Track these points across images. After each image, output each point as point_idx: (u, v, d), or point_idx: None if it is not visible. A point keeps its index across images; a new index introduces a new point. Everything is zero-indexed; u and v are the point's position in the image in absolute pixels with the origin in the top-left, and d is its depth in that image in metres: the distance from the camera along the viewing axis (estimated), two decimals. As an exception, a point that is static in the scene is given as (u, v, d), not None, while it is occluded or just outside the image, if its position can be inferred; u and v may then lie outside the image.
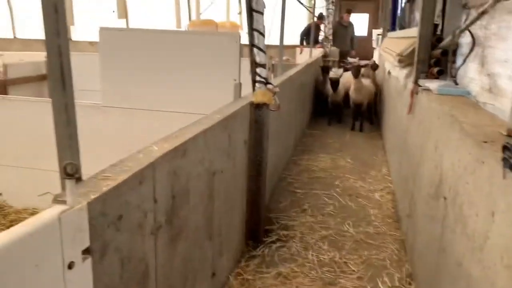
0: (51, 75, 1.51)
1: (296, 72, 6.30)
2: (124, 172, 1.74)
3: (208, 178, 2.68)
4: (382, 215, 4.64)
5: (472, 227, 2.03)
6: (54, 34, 1.46)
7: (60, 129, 1.52)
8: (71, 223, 1.34)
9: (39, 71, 7.31)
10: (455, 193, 2.38)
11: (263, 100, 3.60)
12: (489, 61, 3.07)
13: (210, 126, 2.65)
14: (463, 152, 2.28)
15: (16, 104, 4.55)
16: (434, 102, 3.20)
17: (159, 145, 2.14)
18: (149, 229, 1.92)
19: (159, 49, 4.17)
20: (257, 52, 3.61)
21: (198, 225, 2.58)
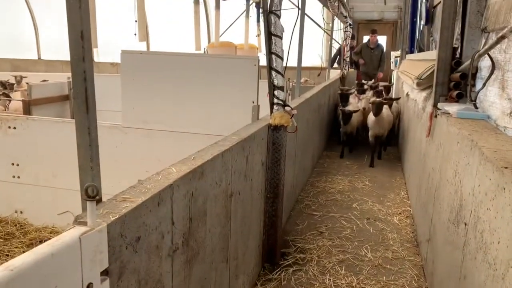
0: (75, 98, 1.56)
1: (313, 94, 6.33)
2: (143, 194, 1.77)
3: (225, 200, 2.69)
4: (401, 239, 4.56)
5: (494, 254, 1.98)
6: (79, 59, 1.52)
7: (83, 151, 1.57)
8: (91, 245, 1.36)
9: (61, 91, 7.52)
10: (476, 219, 2.33)
11: (280, 122, 3.62)
12: (509, 85, 3.04)
13: (228, 148, 2.67)
14: (483, 177, 2.25)
15: (39, 124, 4.67)
16: (454, 126, 3.17)
17: (177, 167, 2.17)
18: (166, 250, 1.93)
19: (179, 72, 4.26)
20: (275, 75, 3.65)
21: (215, 247, 2.58)
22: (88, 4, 1.49)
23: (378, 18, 14.08)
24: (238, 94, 4.14)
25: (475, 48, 3.90)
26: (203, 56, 6.37)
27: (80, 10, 1.47)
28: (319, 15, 11.48)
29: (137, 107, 4.41)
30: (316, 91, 6.87)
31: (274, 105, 3.69)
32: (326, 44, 13.32)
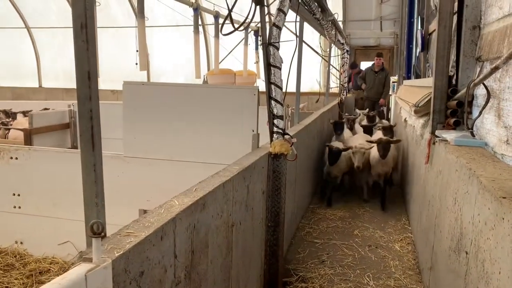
0: (82, 135, 1.60)
1: (312, 121, 6.40)
2: (146, 228, 1.79)
3: (226, 231, 2.70)
4: (403, 266, 4.54)
5: (495, 284, 1.99)
6: (86, 98, 1.57)
7: (88, 187, 1.60)
8: (96, 282, 1.38)
9: (62, 119, 7.58)
10: (476, 248, 2.35)
11: (280, 151, 3.66)
12: (505, 114, 3.10)
13: (229, 179, 2.70)
14: (482, 206, 2.27)
15: (41, 154, 4.70)
16: (452, 154, 3.21)
17: (180, 199, 2.19)
18: (169, 284, 1.94)
19: (179, 102, 4.33)
20: (275, 105, 3.71)
21: (216, 278, 2.57)
22: (96, 46, 1.55)
23: (375, 44, 14.32)
24: (238, 123, 4.19)
25: (470, 77, 3.98)
26: (203, 86, 6.49)
27: (88, 52, 1.53)
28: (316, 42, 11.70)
29: (138, 136, 4.46)
30: (315, 117, 6.94)
31: (274, 134, 3.73)
32: (324, 70, 13.51)
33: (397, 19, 13.44)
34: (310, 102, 13.28)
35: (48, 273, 4.32)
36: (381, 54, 12.04)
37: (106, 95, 14.21)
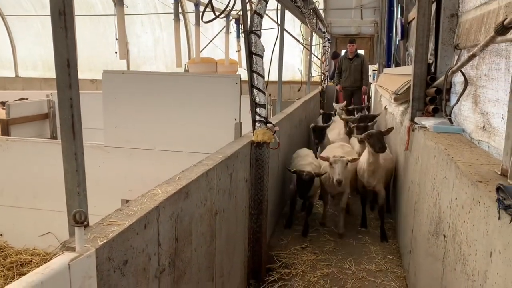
0: (62, 124, 1.58)
1: (294, 109, 6.42)
2: (129, 217, 1.78)
3: (210, 219, 2.71)
4: (383, 251, 4.64)
5: (472, 266, 2.06)
6: (66, 86, 1.55)
7: (70, 176, 1.58)
8: (80, 270, 1.38)
9: (41, 110, 7.42)
10: (454, 232, 2.41)
11: (263, 139, 3.67)
12: (481, 100, 3.17)
13: (212, 167, 2.70)
14: (460, 191, 2.34)
15: (20, 145, 4.61)
16: (430, 140, 3.27)
17: (163, 188, 2.19)
18: (153, 272, 1.94)
19: (161, 91, 4.29)
20: (257, 93, 3.72)
21: (201, 266, 2.59)
22: (75, 33, 1.52)
23: (356, 33, 14.38)
24: (220, 112, 4.18)
25: (449, 64, 4.05)
26: (184, 75, 6.41)
27: (67, 39, 1.50)
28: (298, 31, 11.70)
29: (119, 126, 4.41)
30: (297, 106, 6.97)
31: (256, 122, 3.75)
32: (305, 58, 13.54)
33: (377, 7, 13.51)
34: (292, 91, 13.32)
35: (30, 264, 4.27)
36: (353, 40, 11.54)
37: (86, 85, 13.95)
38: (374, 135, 4.78)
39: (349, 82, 11.59)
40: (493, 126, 2.87)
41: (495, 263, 1.76)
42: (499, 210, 1.71)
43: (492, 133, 2.88)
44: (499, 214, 1.71)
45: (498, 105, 2.82)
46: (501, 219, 1.70)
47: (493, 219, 1.79)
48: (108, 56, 12.86)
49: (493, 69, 2.95)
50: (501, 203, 1.69)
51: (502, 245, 1.68)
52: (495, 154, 2.73)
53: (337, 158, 4.60)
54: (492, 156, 2.69)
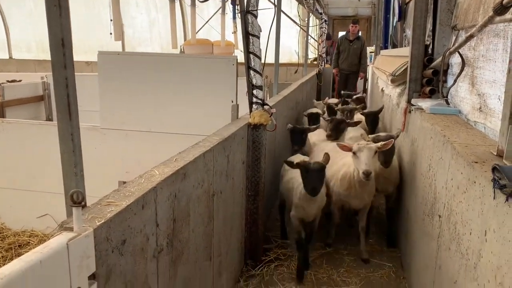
0: (58, 105, 1.57)
1: (291, 92, 6.40)
2: (127, 198, 1.79)
3: (207, 200, 2.72)
4: (379, 231, 4.68)
5: (466, 245, 2.09)
6: (61, 66, 1.53)
7: (66, 157, 1.58)
8: (78, 250, 1.38)
9: (36, 92, 7.36)
10: (449, 212, 2.44)
11: (260, 121, 3.67)
12: (478, 82, 3.17)
13: (209, 149, 2.70)
14: (455, 171, 2.35)
15: (15, 126, 4.59)
16: (427, 122, 3.28)
17: (160, 169, 2.19)
18: (151, 252, 1.96)
19: (156, 72, 4.26)
20: (254, 74, 3.69)
21: (198, 246, 2.61)
22: (69, 12, 1.50)
23: (353, 14, 14.25)
24: (217, 94, 4.17)
25: (446, 45, 4.03)
26: (180, 56, 6.35)
27: (61, 18, 1.48)
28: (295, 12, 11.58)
29: (115, 108, 4.39)
30: (294, 88, 6.95)
31: (253, 104, 3.73)
32: (302, 40, 13.43)
33: (375, -12, 13.36)
34: (288, 73, 13.25)
35: (28, 246, 4.30)
36: (357, 21, 11.03)
37: (81, 67, 13.81)
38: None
39: (345, 65, 11.12)
40: (490, 107, 2.88)
41: (489, 242, 1.78)
42: (495, 189, 1.72)
43: (488, 114, 2.89)
44: (495, 194, 1.73)
45: (495, 86, 2.82)
46: (496, 199, 1.72)
47: (488, 198, 1.81)
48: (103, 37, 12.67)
49: (491, 50, 2.94)
50: (496, 183, 1.70)
51: (497, 224, 1.70)
52: (491, 135, 2.75)
53: (362, 145, 3.63)
54: (488, 137, 2.70)
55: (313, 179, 3.44)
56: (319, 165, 3.48)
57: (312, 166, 3.47)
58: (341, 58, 11.17)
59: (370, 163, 3.53)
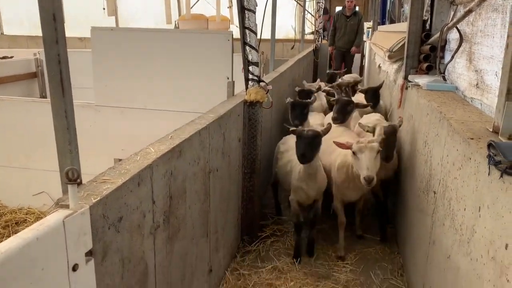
0: (50, 81, 1.54)
1: (287, 68, 6.34)
2: (123, 175, 1.78)
3: (204, 177, 2.73)
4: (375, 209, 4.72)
5: (460, 220, 2.11)
6: (53, 41, 1.50)
7: (60, 134, 1.56)
8: (75, 227, 1.39)
9: (28, 69, 7.26)
10: (444, 188, 2.46)
11: (256, 98, 3.64)
12: (476, 57, 3.14)
13: (205, 126, 2.69)
14: (451, 148, 2.36)
15: (8, 104, 4.55)
16: (423, 98, 3.27)
17: (155, 146, 2.19)
18: (148, 229, 1.97)
19: (151, 48, 4.20)
20: (250, 50, 3.64)
21: (195, 223, 2.63)
22: (60, -15, 1.46)
23: (350, -12, 14.00)
24: (212, 70, 4.12)
25: (444, 20, 3.98)
26: (175, 31, 6.26)
27: (51, -9, 1.44)
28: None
29: (109, 84, 4.34)
30: (290, 64, 6.88)
31: (249, 81, 3.70)
32: (299, 15, 13.23)
33: (373, -38, 13.09)
34: (285, 49, 13.11)
35: (25, 223, 4.32)
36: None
37: (74, 43, 13.58)
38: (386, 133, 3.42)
39: (342, 42, 10.64)
40: (487, 83, 2.87)
41: (483, 217, 1.80)
42: (490, 166, 1.73)
43: (485, 90, 2.88)
44: (489, 170, 1.73)
45: (493, 62, 2.80)
46: (491, 175, 1.73)
47: (483, 175, 1.82)
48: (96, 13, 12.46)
49: (489, 25, 2.91)
50: (491, 159, 1.71)
51: (491, 200, 1.71)
52: (487, 111, 2.74)
53: (362, 144, 3.22)
54: (484, 113, 2.70)
55: (305, 146, 3.32)
56: (313, 133, 3.35)
57: (305, 133, 3.36)
58: (337, 35, 10.76)
59: (373, 166, 3.17)
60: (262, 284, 3.39)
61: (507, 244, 1.53)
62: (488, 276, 1.68)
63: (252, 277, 3.47)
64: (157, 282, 2.11)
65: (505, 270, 1.53)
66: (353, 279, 3.51)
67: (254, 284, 3.38)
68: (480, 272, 1.76)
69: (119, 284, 1.73)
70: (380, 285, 3.43)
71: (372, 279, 3.51)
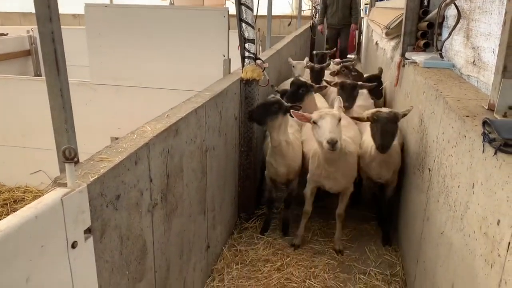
0: (45, 60, 1.53)
1: (284, 45, 6.29)
2: (120, 154, 1.79)
3: (200, 155, 2.74)
4: (370, 185, 4.76)
5: (454, 197, 2.14)
6: (46, 19, 1.48)
7: (56, 113, 1.56)
8: (73, 205, 1.40)
9: (22, 46, 7.16)
10: (439, 165, 2.48)
11: (252, 76, 3.63)
12: (473, 34, 3.12)
13: (201, 105, 2.69)
14: (447, 126, 2.37)
15: (2, 82, 4.50)
16: (420, 76, 3.26)
17: (152, 125, 2.19)
18: (146, 207, 1.99)
19: (146, 25, 4.14)
20: (246, 27, 3.61)
21: (192, 200, 2.65)
22: (52, -40, 1.43)
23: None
24: (208, 48, 4.08)
25: (443, -3, 3.94)
26: (170, 8, 6.16)
27: (44, -33, 1.41)
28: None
29: (104, 62, 4.30)
30: (287, 41, 6.82)
31: (245, 59, 3.68)
32: (296, -9, 13.04)
33: None
34: (282, 26, 12.96)
35: (23, 201, 4.34)
36: None
37: (67, 20, 13.38)
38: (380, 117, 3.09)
39: (335, 19, 9.73)
40: (483, 60, 2.86)
41: (476, 194, 1.83)
42: (484, 143, 1.75)
43: (482, 67, 2.87)
44: (484, 148, 1.75)
45: (490, 39, 2.79)
46: (485, 152, 1.74)
47: (477, 152, 1.83)
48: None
49: (487, 1, 2.88)
50: (486, 137, 1.72)
51: (484, 177, 1.74)
52: (483, 89, 2.75)
53: (323, 112, 3.06)
54: (480, 91, 2.71)
55: (259, 108, 3.34)
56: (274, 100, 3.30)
57: (269, 99, 3.36)
58: (329, 11, 9.79)
59: (335, 130, 2.94)
60: (259, 260, 3.45)
61: (499, 220, 1.56)
62: (480, 251, 1.72)
63: (249, 253, 3.53)
64: (156, 258, 2.14)
65: (496, 245, 1.56)
66: (348, 254, 3.57)
67: (251, 260, 3.44)
68: (473, 247, 1.80)
69: (118, 261, 1.76)
70: (375, 261, 3.49)
71: (367, 254, 3.58)
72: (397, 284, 3.20)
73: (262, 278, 3.23)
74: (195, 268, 2.82)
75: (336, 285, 3.20)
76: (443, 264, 2.23)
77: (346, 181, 3.44)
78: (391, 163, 3.40)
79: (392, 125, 3.09)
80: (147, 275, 2.06)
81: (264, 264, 3.41)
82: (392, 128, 3.09)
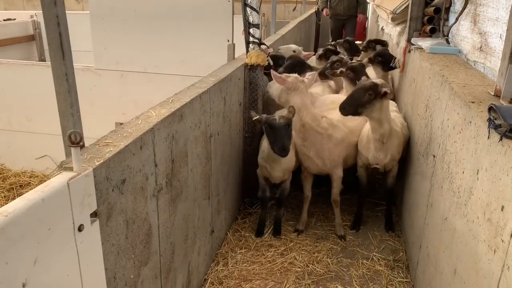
0: (50, 44, 1.53)
1: (289, 30, 6.24)
2: (125, 138, 1.80)
3: (205, 141, 2.74)
4: (374, 171, 4.76)
5: (458, 183, 2.14)
6: (51, 3, 1.48)
7: (62, 97, 1.57)
8: (79, 189, 1.41)
9: (26, 31, 7.14)
10: (443, 151, 2.47)
11: (257, 62, 3.61)
12: (481, 20, 3.08)
13: (206, 90, 2.68)
14: (452, 112, 2.36)
15: (8, 67, 4.51)
16: (426, 62, 3.23)
17: (157, 110, 2.19)
18: (151, 191, 2.01)
19: (150, 10, 4.12)
20: (250, 12, 3.58)
21: (197, 185, 2.67)
22: None
23: None
24: (213, 33, 4.06)
25: (450, -19, 3.88)
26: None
27: (47, -50, 1.40)
28: None
29: (109, 48, 4.29)
30: (292, 27, 6.77)
31: (249, 44, 3.65)
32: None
33: None
34: (286, 11, 12.84)
35: (29, 186, 4.38)
36: None
37: (71, 5, 13.31)
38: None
39: (341, 9, 8.84)
40: (490, 46, 2.83)
41: (480, 180, 1.83)
42: (489, 129, 1.74)
43: (488, 53, 2.84)
44: (489, 134, 1.74)
45: (497, 24, 2.75)
46: (490, 138, 1.74)
47: (482, 138, 1.83)
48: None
49: (496, -14, 2.84)
50: (491, 123, 1.72)
51: (489, 163, 1.73)
52: (490, 75, 2.72)
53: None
54: (486, 77, 2.69)
55: (279, 135, 3.04)
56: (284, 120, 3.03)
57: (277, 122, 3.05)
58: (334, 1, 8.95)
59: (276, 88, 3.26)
60: (263, 245, 3.48)
61: (503, 206, 1.56)
62: (483, 237, 1.72)
63: (253, 238, 3.56)
64: (161, 242, 2.17)
65: (500, 230, 1.56)
66: (351, 240, 3.60)
67: (255, 245, 3.47)
68: (476, 233, 1.81)
69: (124, 244, 1.78)
70: (378, 246, 3.51)
71: (370, 240, 3.60)
72: (399, 269, 3.23)
73: (265, 262, 3.27)
74: (199, 252, 2.85)
75: (339, 269, 3.23)
76: (446, 249, 2.24)
77: (322, 162, 3.41)
78: (389, 147, 3.28)
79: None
80: (153, 259, 2.08)
81: (268, 248, 3.44)
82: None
